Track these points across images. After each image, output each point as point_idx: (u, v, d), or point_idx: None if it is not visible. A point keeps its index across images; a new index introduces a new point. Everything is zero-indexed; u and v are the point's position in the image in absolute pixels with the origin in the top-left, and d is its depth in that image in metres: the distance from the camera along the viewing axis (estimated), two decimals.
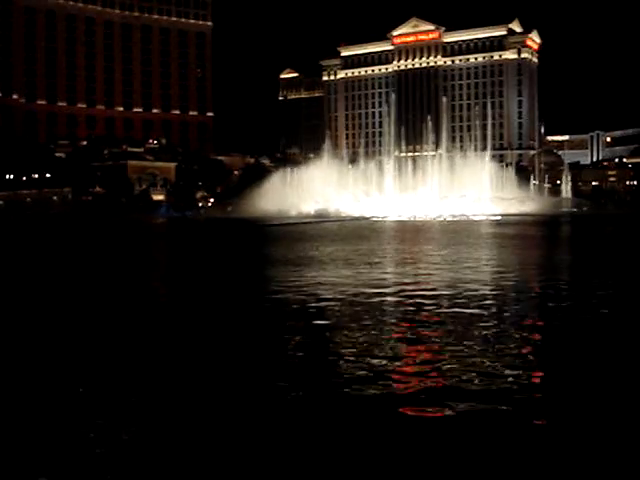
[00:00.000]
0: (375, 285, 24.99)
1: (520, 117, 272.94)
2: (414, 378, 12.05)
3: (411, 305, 20.09)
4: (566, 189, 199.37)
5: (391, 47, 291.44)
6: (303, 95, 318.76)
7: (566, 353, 14.15)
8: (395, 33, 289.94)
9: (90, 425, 9.56)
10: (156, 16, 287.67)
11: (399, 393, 11.15)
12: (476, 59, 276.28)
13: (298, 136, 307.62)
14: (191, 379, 12.23)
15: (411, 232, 74.26)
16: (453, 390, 11.13)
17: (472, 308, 19.37)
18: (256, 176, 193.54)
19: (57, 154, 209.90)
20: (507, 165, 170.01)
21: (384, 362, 13.07)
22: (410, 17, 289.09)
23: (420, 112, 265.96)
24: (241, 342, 15.57)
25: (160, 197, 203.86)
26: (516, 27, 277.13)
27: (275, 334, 16.34)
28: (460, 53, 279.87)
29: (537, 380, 12.08)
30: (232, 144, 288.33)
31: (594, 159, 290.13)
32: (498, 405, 10.26)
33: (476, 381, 11.63)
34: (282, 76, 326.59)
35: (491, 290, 23.71)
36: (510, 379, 11.78)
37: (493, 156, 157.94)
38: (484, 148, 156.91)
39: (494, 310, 19.19)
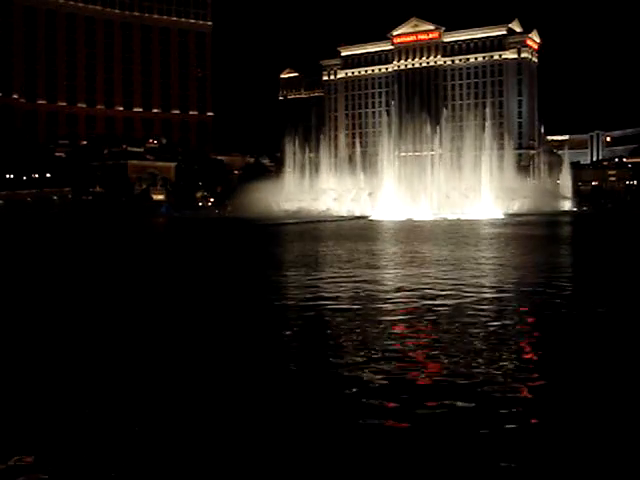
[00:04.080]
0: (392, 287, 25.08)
1: (520, 117, 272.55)
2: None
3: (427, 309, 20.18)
4: (566, 189, 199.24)
5: (391, 47, 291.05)
6: (303, 95, 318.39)
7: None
8: (395, 33, 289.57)
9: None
10: (156, 16, 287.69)
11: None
12: (476, 59, 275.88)
13: (298, 136, 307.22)
14: (193, 380, 12.35)
15: (412, 233, 74.27)
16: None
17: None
18: (256, 176, 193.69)
19: (57, 154, 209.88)
20: (507, 165, 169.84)
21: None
22: (410, 17, 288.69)
23: (420, 112, 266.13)
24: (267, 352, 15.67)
25: (160, 197, 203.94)
26: (516, 27, 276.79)
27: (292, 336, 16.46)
28: (460, 53, 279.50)
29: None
30: (232, 144, 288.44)
31: (594, 159, 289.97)
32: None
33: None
34: (282, 76, 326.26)
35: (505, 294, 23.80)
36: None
37: (493, 156, 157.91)
38: (484, 148, 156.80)
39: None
